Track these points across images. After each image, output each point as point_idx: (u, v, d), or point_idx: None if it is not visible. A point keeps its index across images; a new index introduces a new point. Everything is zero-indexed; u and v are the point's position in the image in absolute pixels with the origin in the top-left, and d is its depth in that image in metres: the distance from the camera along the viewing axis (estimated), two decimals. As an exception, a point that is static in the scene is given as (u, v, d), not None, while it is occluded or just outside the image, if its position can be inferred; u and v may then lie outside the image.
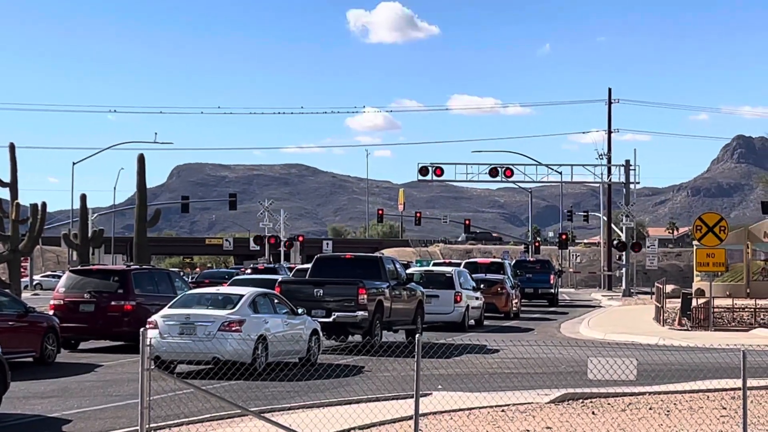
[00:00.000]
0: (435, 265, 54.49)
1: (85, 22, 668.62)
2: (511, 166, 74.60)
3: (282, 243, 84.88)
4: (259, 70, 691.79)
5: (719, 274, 41.33)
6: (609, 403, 16.66)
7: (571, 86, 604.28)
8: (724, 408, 16.11)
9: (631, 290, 74.68)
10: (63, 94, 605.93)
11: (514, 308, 46.14)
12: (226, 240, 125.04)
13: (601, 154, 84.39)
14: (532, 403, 16.55)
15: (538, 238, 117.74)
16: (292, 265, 63.33)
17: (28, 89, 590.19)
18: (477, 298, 39.60)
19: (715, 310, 37.38)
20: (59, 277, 57.22)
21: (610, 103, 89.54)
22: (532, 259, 69.29)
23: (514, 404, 16.24)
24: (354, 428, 14.04)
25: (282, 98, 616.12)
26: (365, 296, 27.40)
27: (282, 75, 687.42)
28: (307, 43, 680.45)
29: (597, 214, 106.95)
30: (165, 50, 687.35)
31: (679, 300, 38.92)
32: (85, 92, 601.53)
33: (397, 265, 31.66)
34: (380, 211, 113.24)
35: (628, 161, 78.22)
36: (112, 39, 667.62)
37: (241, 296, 22.56)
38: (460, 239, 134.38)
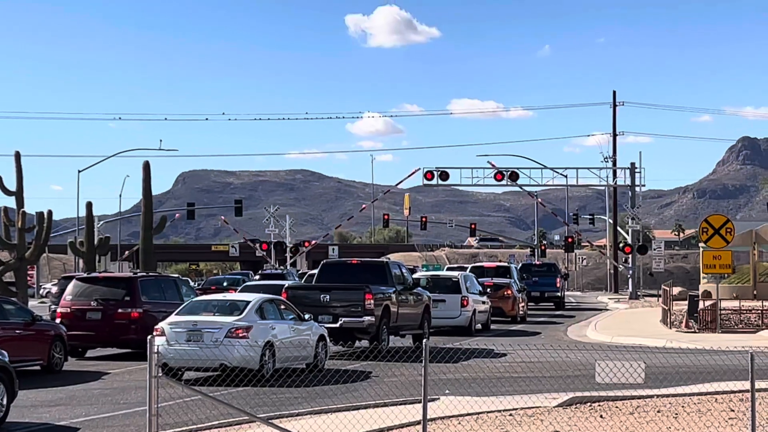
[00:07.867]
0: (449, 270, 54.36)
1: (89, 31, 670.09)
2: (516, 170, 74.47)
3: (288, 249, 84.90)
4: (262, 77, 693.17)
5: (726, 276, 41.20)
6: (617, 407, 16.64)
7: (571, 88, 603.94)
8: (733, 410, 16.08)
9: (638, 293, 74.50)
10: (67, 102, 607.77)
11: (521, 312, 46.08)
12: (232, 246, 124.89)
13: (606, 157, 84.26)
14: (540, 407, 16.54)
15: (544, 242, 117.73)
16: (303, 271, 63.31)
17: (33, 98, 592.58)
18: (484, 302, 39.57)
19: (722, 312, 37.31)
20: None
21: (614, 105, 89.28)
22: (538, 263, 69.20)
23: (521, 408, 16.23)
24: (362, 434, 14.03)
25: (284, 104, 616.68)
26: (372, 301, 27.38)
27: (284, 82, 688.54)
28: (308, 50, 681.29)
29: (603, 216, 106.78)
30: (168, 58, 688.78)
31: (686, 302, 38.83)
32: (89, 100, 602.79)
33: (404, 270, 31.67)
34: (386, 216, 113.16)
35: (633, 164, 77.97)
36: (115, 47, 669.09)
37: (248, 302, 22.55)
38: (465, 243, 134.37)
